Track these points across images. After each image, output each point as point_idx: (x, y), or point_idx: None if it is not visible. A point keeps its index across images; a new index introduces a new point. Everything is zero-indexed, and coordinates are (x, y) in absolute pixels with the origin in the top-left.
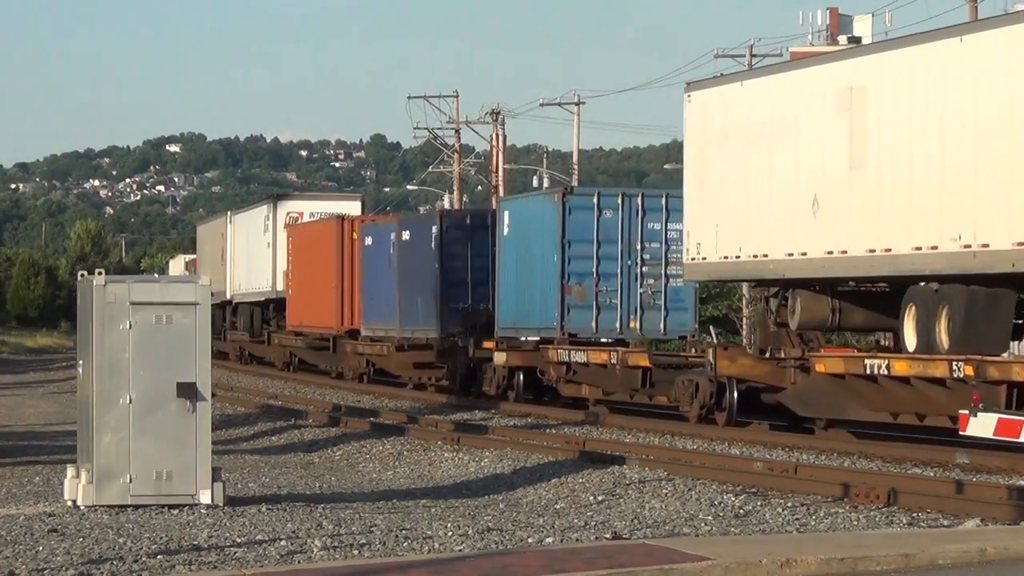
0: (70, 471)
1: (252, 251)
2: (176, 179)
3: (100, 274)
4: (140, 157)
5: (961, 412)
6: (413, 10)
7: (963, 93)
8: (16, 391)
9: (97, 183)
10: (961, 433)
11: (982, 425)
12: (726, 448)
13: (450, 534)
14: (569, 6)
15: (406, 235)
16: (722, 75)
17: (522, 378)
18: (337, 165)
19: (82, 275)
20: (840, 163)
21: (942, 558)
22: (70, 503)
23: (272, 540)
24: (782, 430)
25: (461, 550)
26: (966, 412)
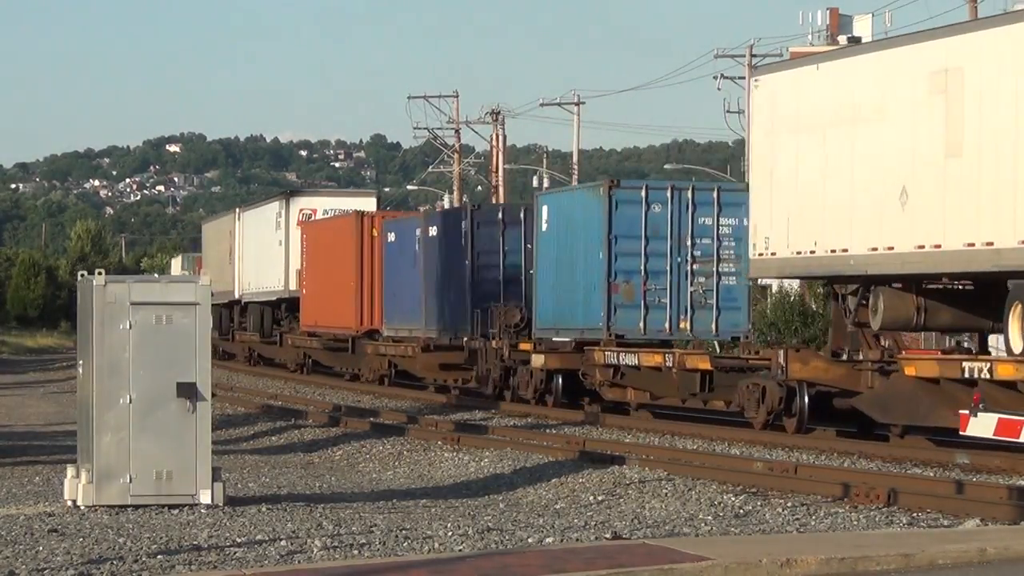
0: (70, 471)
1: (263, 249)
2: (176, 179)
3: (100, 274)
4: (140, 157)
5: (961, 412)
6: (413, 10)
7: None
8: (16, 391)
9: (97, 183)
10: (961, 433)
11: (982, 425)
12: (726, 448)
13: (450, 534)
14: (569, 6)
15: (433, 231)
16: (792, 58)
17: (561, 381)
18: (337, 165)
19: (82, 275)
20: (934, 150)
21: (942, 558)
22: (70, 503)
23: (272, 540)
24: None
25: (461, 550)
26: (966, 412)
